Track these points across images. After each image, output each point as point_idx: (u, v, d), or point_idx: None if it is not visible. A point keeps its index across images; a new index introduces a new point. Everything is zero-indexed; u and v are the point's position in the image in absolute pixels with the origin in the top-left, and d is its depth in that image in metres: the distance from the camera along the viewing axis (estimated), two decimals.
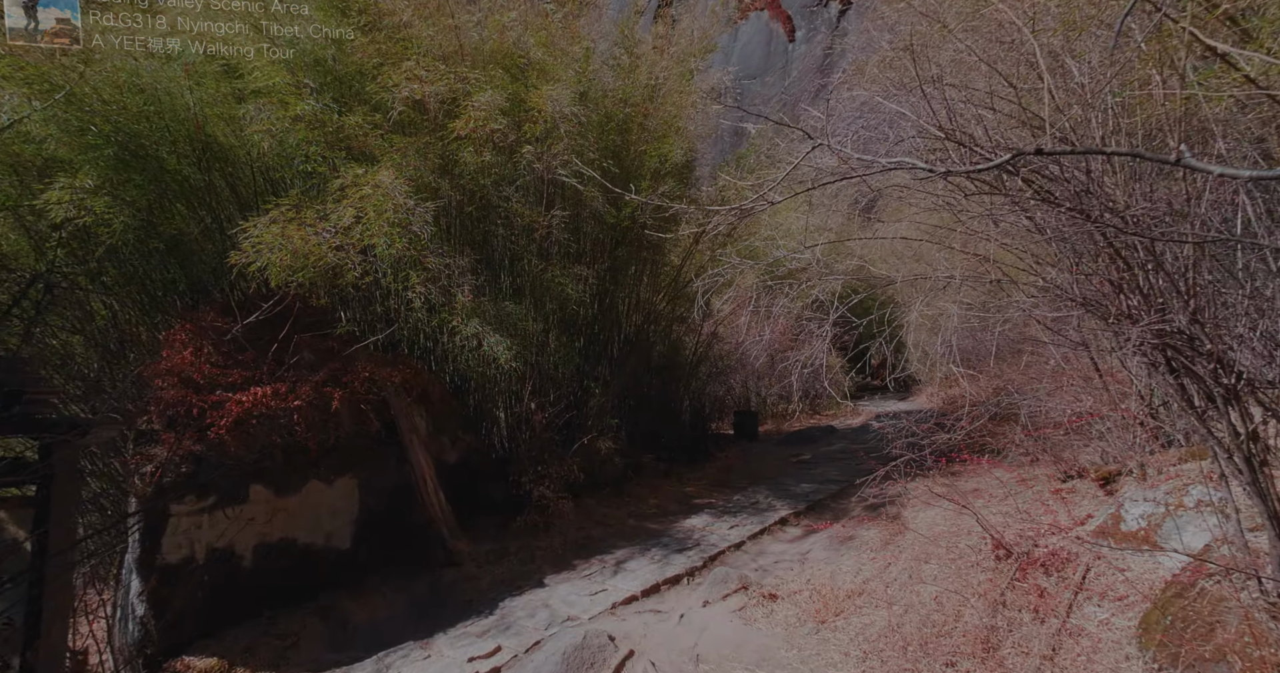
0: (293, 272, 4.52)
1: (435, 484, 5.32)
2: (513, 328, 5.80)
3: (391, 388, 5.32)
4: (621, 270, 6.77)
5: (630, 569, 4.84)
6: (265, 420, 4.51)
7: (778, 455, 9.05)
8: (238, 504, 4.30)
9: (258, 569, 4.40)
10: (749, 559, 4.85)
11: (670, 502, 6.72)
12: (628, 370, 7.36)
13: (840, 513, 5.67)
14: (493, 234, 5.96)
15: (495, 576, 5.03)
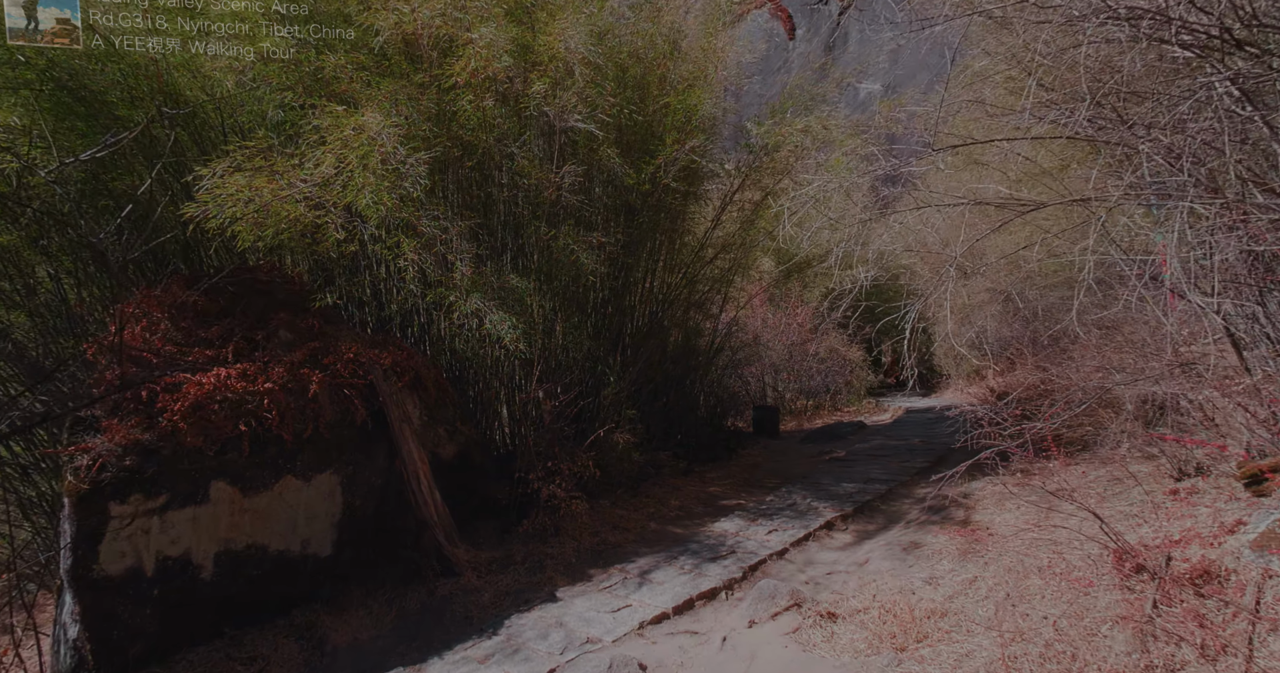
0: (262, 230, 3.91)
1: (430, 482, 4.72)
2: (518, 305, 5.20)
3: (380, 371, 4.72)
4: (639, 244, 6.17)
5: (657, 581, 4.24)
6: (230, 406, 3.91)
7: (806, 453, 8.44)
8: (196, 505, 3.71)
9: (220, 581, 3.81)
10: (795, 570, 4.25)
11: (694, 503, 6.12)
12: (644, 357, 6.76)
13: (894, 516, 5.06)
14: (495, 198, 5.36)
15: (499, 587, 4.43)
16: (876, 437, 8.45)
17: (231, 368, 4.07)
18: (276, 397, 4.08)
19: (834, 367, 14.38)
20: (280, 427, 4.06)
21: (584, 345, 5.92)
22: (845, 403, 14.25)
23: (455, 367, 5.98)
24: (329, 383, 4.44)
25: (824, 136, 5.29)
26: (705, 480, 7.00)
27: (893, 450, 7.37)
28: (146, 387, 3.70)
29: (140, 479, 3.46)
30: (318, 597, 4.25)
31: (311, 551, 4.29)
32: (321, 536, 4.35)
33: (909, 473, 6.14)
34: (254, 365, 4.20)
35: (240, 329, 4.58)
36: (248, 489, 3.95)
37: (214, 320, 4.56)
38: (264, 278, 5.21)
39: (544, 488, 5.01)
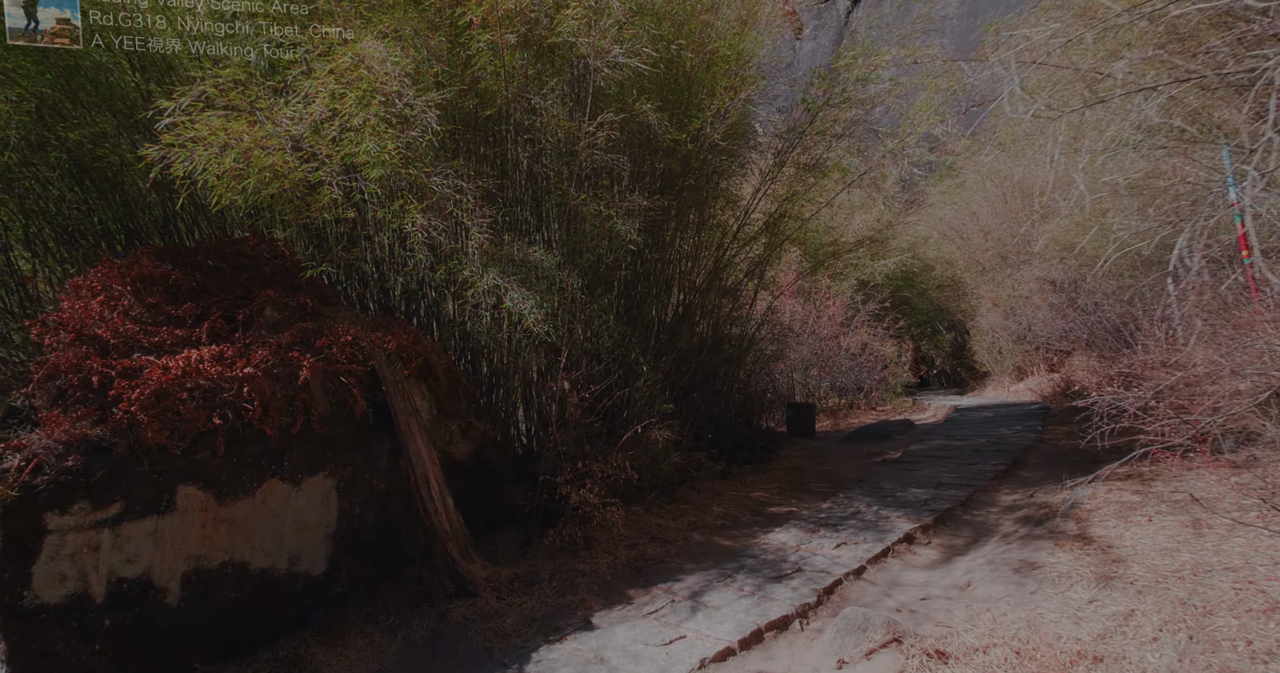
0: (241, 182, 3.30)
1: (441, 486, 4.10)
2: (543, 282, 4.59)
3: (383, 356, 4.10)
4: (676, 218, 5.53)
5: (712, 605, 3.60)
6: (202, 395, 3.30)
7: (852, 454, 7.78)
8: (159, 514, 3.10)
9: (189, 607, 3.20)
10: (880, 594, 3.60)
11: (739, 510, 5.48)
12: (678, 346, 6.12)
13: (984, 528, 4.39)
14: (514, 157, 4.73)
15: (523, 612, 3.81)
16: (934, 437, 7.77)
17: (204, 350, 3.46)
18: (259, 384, 3.47)
19: (866, 363, 13.70)
20: (263, 420, 3.46)
21: (614, 331, 5.29)
22: (880, 401, 13.56)
23: (468, 354, 5.38)
24: (323, 369, 3.83)
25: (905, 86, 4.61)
26: (746, 484, 6.36)
27: (956, 452, 6.69)
28: (97, 371, 3.10)
29: (86, 484, 2.85)
30: (308, 624, 3.64)
31: (301, 568, 3.68)
32: (313, 550, 3.74)
33: (985, 477, 5.47)
34: (232, 347, 3.59)
35: (218, 307, 3.98)
36: (224, 495, 3.34)
37: (188, 297, 3.97)
38: (249, 251, 4.61)
39: (573, 493, 4.38)
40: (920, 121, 4.40)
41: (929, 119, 4.40)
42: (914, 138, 4.31)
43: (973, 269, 15.56)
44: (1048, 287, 12.32)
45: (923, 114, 4.38)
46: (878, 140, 4.87)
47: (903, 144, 4.20)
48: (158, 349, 3.47)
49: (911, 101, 4.42)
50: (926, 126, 4.31)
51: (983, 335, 15.00)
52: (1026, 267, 13.14)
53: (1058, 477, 5.07)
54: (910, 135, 4.13)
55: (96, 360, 3.16)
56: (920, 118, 4.40)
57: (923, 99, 4.30)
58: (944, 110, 4.30)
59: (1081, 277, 11.49)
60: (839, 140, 5.15)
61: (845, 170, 5.05)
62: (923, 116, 4.39)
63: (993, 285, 14.37)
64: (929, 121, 4.38)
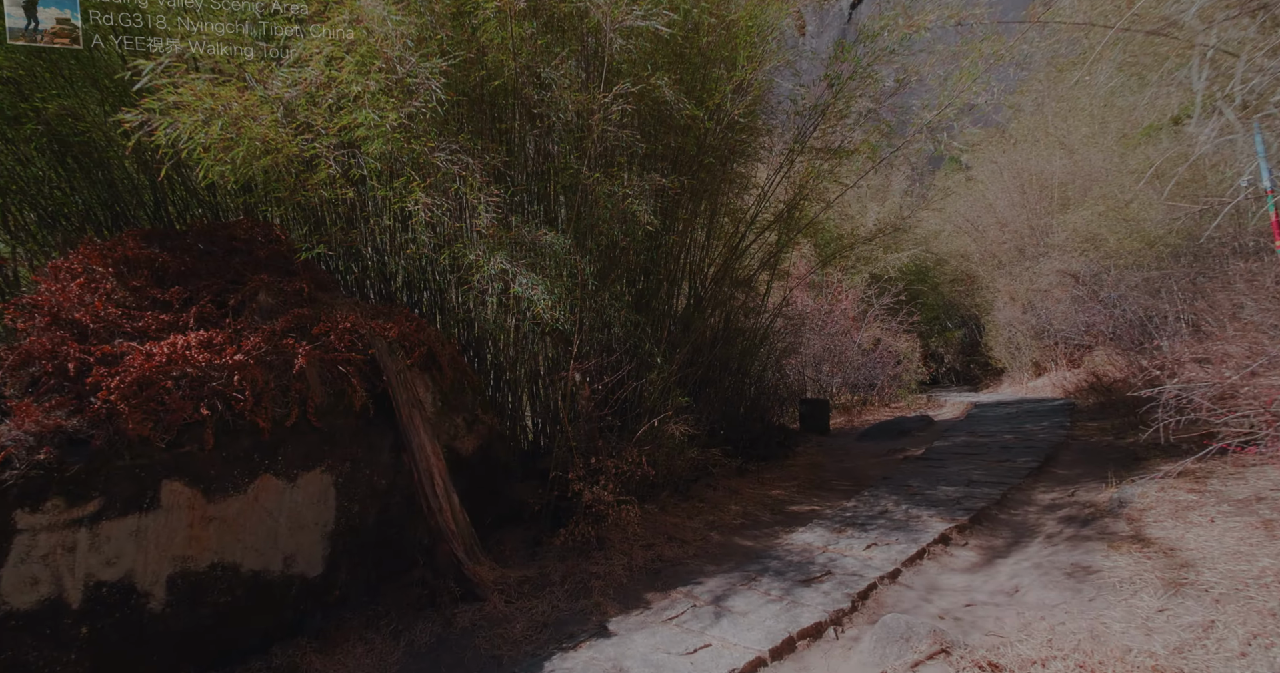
0: (230, 154, 3.07)
1: (446, 483, 3.88)
2: (553, 267, 4.36)
3: (384, 345, 3.88)
4: (693, 201, 5.28)
5: (737, 610, 3.37)
6: (189, 384, 3.08)
7: (871, 451, 7.54)
8: (141, 512, 2.88)
9: (175, 613, 2.98)
10: (918, 598, 3.36)
11: (758, 509, 5.25)
12: (692, 337, 5.89)
13: (1024, 529, 4.15)
14: (520, 134, 4.49)
15: (534, 616, 3.58)
16: (957, 433, 7.51)
17: (191, 335, 3.24)
18: (250, 372, 3.24)
19: (879, 358, 13.45)
20: (255, 411, 3.23)
21: (627, 320, 5.05)
22: (894, 398, 13.30)
23: (473, 344, 5.15)
24: (320, 358, 3.61)
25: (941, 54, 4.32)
26: (764, 482, 6.13)
27: (983, 448, 6.44)
28: (74, 357, 2.88)
29: (61, 479, 2.63)
30: (305, 629, 3.43)
31: (297, 570, 3.46)
32: (310, 550, 3.52)
33: (1018, 475, 5.22)
34: (222, 333, 3.37)
35: (208, 292, 3.76)
36: (213, 492, 3.12)
37: (175, 281, 3.75)
38: (242, 235, 4.39)
39: (586, 490, 4.15)
40: (961, 91, 4.13)
41: (971, 88, 4.13)
42: (954, 109, 4.05)
43: (988, 263, 15.28)
44: (1068, 280, 12.05)
45: (964, 82, 4.11)
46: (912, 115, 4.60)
47: (941, 116, 3.95)
48: (141, 335, 3.25)
49: (953, 68, 4.15)
50: (967, 97, 4.05)
51: (998, 331, 14.72)
52: (1045, 259, 12.85)
53: (1096, 474, 4.83)
54: (950, 106, 3.87)
55: (74, 346, 2.94)
56: (962, 86, 4.13)
57: (966, 65, 4.02)
58: (988, 77, 4.04)
59: (1104, 269, 11.21)
60: (863, 119, 4.89)
61: (874, 147, 4.78)
62: (964, 85, 4.12)
63: (1009, 279, 14.09)
64: (971, 91, 4.12)
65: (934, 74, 4.23)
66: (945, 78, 4.17)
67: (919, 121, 3.89)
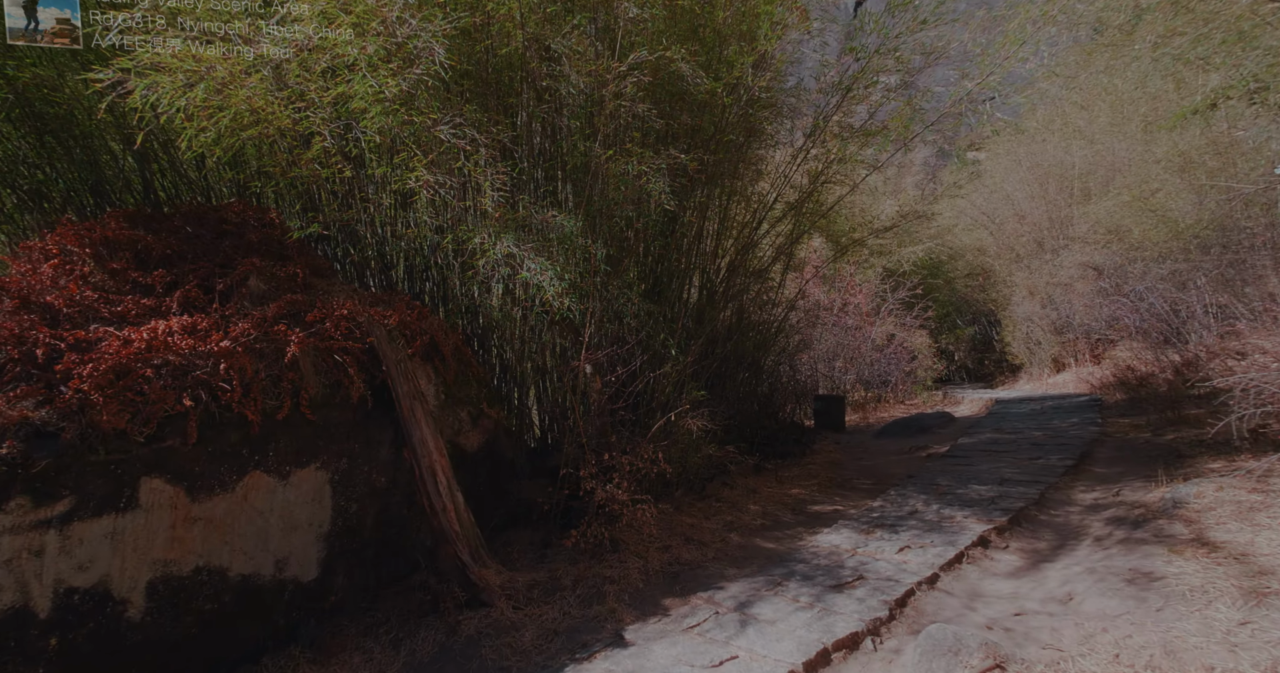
0: (213, 121, 2.84)
1: (450, 480, 3.65)
2: (563, 251, 4.12)
3: (383, 333, 3.65)
4: (709, 184, 5.04)
5: (764, 619, 3.13)
6: (171, 373, 2.86)
7: (890, 449, 7.29)
8: (118, 512, 2.66)
9: (156, 621, 2.76)
10: (961, 606, 3.12)
11: (778, 508, 5.01)
12: (708, 328, 5.65)
13: (1068, 531, 3.90)
14: (531, 110, 4.26)
15: (544, 623, 3.35)
16: (981, 430, 7.25)
17: (174, 320, 3.01)
18: (238, 360, 3.02)
19: (893, 354, 13.19)
20: (243, 403, 3.01)
21: (640, 309, 4.81)
22: (908, 394, 13.04)
23: (477, 334, 4.93)
24: (314, 346, 3.38)
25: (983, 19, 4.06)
26: (782, 480, 5.89)
27: (1011, 446, 6.19)
28: (44, 343, 2.65)
29: (26, 475, 2.41)
30: (298, 638, 3.20)
31: (290, 574, 3.24)
32: (304, 553, 3.30)
33: (1053, 473, 4.97)
34: (208, 319, 3.14)
35: (195, 276, 3.54)
36: (197, 490, 2.89)
37: (160, 264, 3.52)
38: (233, 218, 4.17)
39: (599, 489, 3.91)
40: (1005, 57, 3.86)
41: (1016, 53, 3.86)
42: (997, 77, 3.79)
43: (1005, 256, 14.99)
44: (1090, 272, 11.76)
45: (1009, 47, 3.83)
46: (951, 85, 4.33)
47: (984, 84, 3.69)
48: (120, 320, 3.03)
49: (995, 34, 3.89)
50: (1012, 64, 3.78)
51: (1016, 326, 14.44)
52: (1066, 252, 12.57)
53: (1139, 472, 4.58)
54: (993, 74, 3.62)
55: (44, 331, 2.72)
56: (1006, 52, 3.86)
57: (1013, 27, 3.75)
58: (1037, 40, 3.76)
59: (1128, 261, 10.92)
60: (891, 95, 4.63)
61: (906, 123, 4.52)
62: (1009, 51, 3.84)
63: (1028, 273, 13.81)
64: (1016, 56, 3.85)
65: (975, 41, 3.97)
66: (986, 45, 3.90)
67: (957, 93, 3.63)
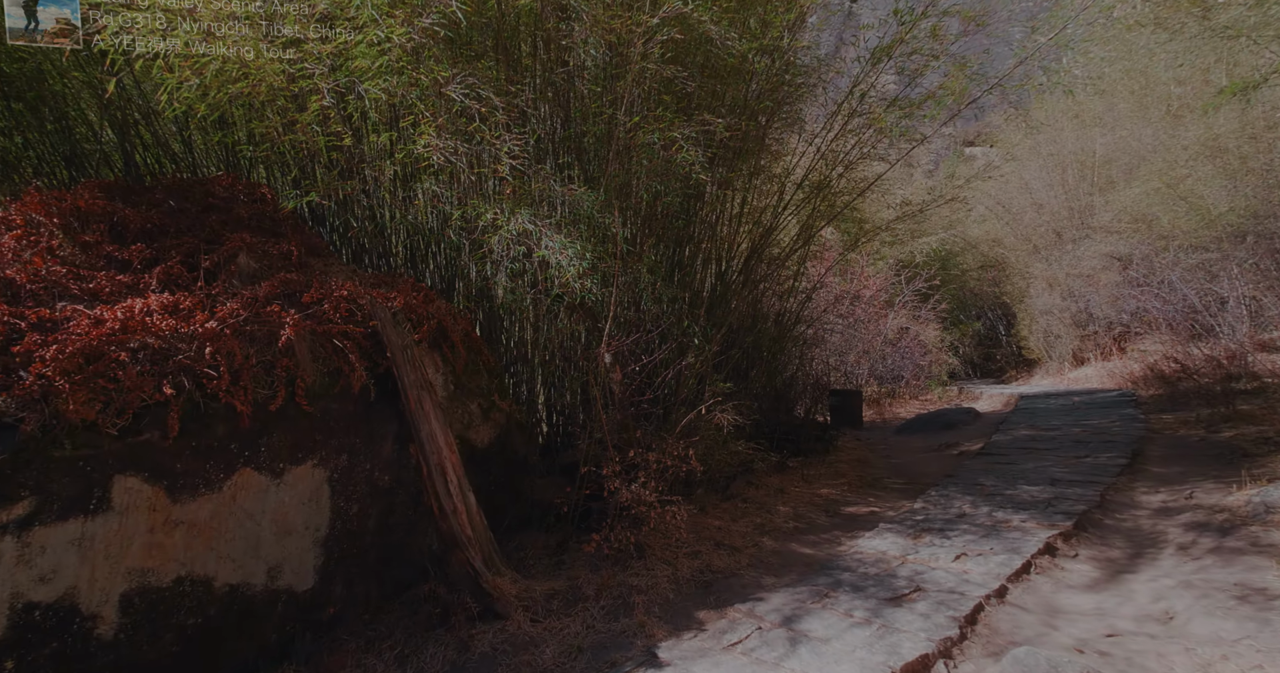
0: (197, 71, 2.52)
1: (461, 479, 3.34)
2: (584, 229, 3.82)
3: (388, 316, 3.33)
4: (736, 159, 4.73)
5: (816, 636, 2.83)
6: (149, 357, 2.54)
7: (917, 446, 7.00)
8: (87, 515, 2.34)
9: (131, 639, 2.45)
10: (1040, 624, 2.82)
11: (810, 510, 4.72)
12: (732, 316, 5.34)
13: (1145, 538, 3.60)
14: (547, 73, 3.93)
15: (566, 639, 3.05)
16: (1014, 426, 6.96)
17: (153, 297, 2.69)
18: (226, 344, 2.70)
19: (907, 348, 12.91)
20: (232, 392, 2.69)
21: (663, 295, 4.50)
22: (922, 390, 12.76)
23: (483, 321, 4.61)
24: (311, 329, 3.06)
25: None
26: (808, 480, 5.60)
27: (1052, 443, 5.89)
28: (2, 322, 2.33)
29: None
30: (292, 654, 2.90)
31: (283, 583, 2.93)
32: (299, 560, 2.98)
33: (1107, 473, 4.68)
34: (191, 297, 2.82)
35: (179, 251, 3.21)
36: (179, 490, 2.58)
37: (139, 238, 3.20)
38: (221, 192, 3.85)
39: (623, 489, 3.60)
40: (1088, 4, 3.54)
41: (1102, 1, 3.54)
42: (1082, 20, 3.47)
43: (1021, 248, 14.70)
44: (1115, 263, 11.46)
45: None
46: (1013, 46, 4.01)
47: (1059, 39, 3.37)
48: (92, 298, 2.71)
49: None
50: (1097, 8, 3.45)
51: (1034, 319, 14.15)
52: (1088, 242, 12.28)
53: (1207, 473, 4.30)
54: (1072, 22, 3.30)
55: (2, 308, 2.40)
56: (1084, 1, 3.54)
57: None
58: None
59: (1156, 251, 10.62)
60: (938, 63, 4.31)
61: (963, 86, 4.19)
62: None
63: (1047, 264, 13.51)
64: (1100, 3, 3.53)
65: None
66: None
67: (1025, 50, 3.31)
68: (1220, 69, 8.15)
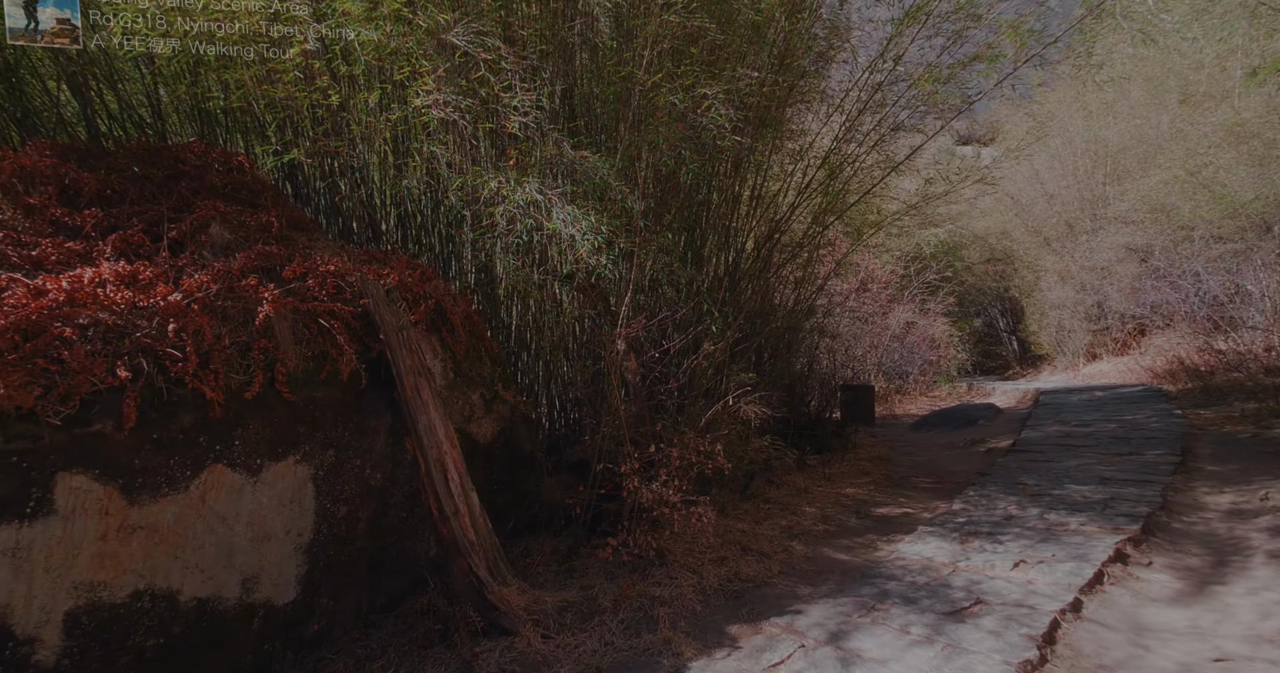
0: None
1: (463, 477, 2.99)
2: (597, 200, 3.48)
3: (380, 293, 2.98)
4: (759, 128, 4.39)
5: (870, 656, 2.51)
6: (101, 334, 2.18)
7: (937, 443, 6.71)
8: (23, 520, 1.99)
9: (78, 664, 2.10)
10: (1129, 644, 2.50)
11: (838, 511, 4.40)
12: (751, 301, 5.02)
13: (1225, 544, 3.29)
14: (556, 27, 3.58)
15: (582, 659, 2.72)
16: (1042, 422, 6.67)
17: (106, 266, 2.33)
18: (193, 321, 2.34)
19: (914, 343, 12.64)
20: (200, 377, 2.34)
21: (680, 277, 4.17)
22: (931, 386, 12.49)
23: (487, 302, 4.27)
24: (293, 307, 2.71)
25: None
26: (830, 478, 5.29)
27: (1088, 440, 5.60)
28: None
29: None
30: None
31: (260, 596, 2.58)
32: (279, 569, 2.64)
33: (1160, 471, 4.38)
34: (152, 267, 2.46)
35: (140, 219, 2.85)
36: (137, 490, 2.23)
37: (94, 203, 2.83)
38: (192, 159, 3.48)
39: (643, 488, 3.27)
40: None
41: None
42: None
43: (1031, 240, 14.44)
44: (1132, 255, 11.21)
45: None
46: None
47: None
48: (35, 266, 2.35)
49: None
50: None
51: (1044, 314, 13.91)
52: (1102, 233, 12.02)
53: (1269, 471, 4.00)
54: None
55: None
56: None
57: None
58: None
59: (1176, 242, 10.37)
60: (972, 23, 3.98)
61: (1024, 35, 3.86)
62: None
63: (1058, 257, 13.26)
64: None
65: None
66: None
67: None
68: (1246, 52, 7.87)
